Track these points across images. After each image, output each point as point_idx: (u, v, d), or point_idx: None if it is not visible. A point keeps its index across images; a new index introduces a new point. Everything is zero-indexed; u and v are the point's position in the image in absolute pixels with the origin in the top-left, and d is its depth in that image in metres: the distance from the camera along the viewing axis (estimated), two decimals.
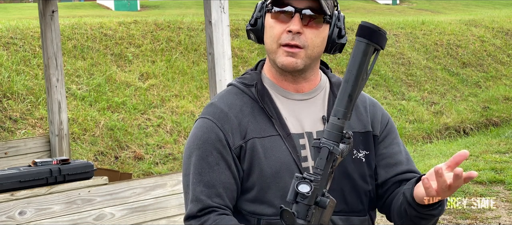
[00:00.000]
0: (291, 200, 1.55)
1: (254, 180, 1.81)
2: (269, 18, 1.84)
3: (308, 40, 1.80)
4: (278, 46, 1.81)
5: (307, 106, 1.88)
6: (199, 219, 1.78)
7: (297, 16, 1.79)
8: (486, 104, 13.03)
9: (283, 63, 1.81)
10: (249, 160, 1.80)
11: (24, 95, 8.88)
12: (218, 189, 1.79)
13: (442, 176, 1.59)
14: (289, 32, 1.79)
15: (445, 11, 29.72)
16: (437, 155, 9.03)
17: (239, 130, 1.82)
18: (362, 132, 1.90)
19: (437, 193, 1.63)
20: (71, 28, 10.88)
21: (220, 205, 1.79)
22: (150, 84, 10.27)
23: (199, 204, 1.79)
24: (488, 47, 15.77)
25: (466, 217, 6.10)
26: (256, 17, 1.88)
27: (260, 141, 1.81)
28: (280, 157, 1.80)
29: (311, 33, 1.80)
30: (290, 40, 1.79)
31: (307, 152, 1.84)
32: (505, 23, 17.39)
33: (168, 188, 4.13)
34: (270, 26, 1.83)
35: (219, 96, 1.91)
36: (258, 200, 1.81)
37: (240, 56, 12.05)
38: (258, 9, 1.88)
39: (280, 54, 1.81)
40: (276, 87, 1.89)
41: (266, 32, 1.86)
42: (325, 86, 1.93)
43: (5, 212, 3.64)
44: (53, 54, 5.80)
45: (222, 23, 4.28)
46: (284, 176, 1.80)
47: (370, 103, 1.98)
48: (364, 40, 1.57)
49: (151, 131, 9.19)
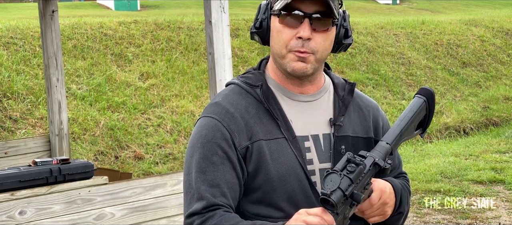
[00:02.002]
0: (338, 169, 1.62)
1: (259, 182, 1.78)
2: (276, 22, 1.80)
3: (318, 44, 1.78)
4: (287, 51, 1.79)
5: (312, 108, 1.87)
6: (202, 215, 1.74)
7: (307, 21, 1.76)
8: (486, 104, 13.03)
9: (293, 69, 1.79)
10: (256, 162, 1.78)
11: (24, 95, 8.88)
12: (222, 189, 1.76)
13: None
14: (299, 38, 1.76)
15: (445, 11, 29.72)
16: (437, 154, 9.03)
17: (245, 131, 1.79)
18: (364, 138, 1.90)
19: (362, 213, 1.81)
20: (71, 28, 10.88)
21: (224, 203, 1.76)
22: (150, 84, 10.28)
23: (204, 202, 1.75)
24: (488, 47, 15.77)
25: (466, 217, 6.10)
26: (261, 19, 1.84)
27: (266, 143, 1.79)
28: (286, 160, 1.79)
29: (320, 37, 1.78)
30: (300, 47, 1.77)
31: (313, 155, 1.83)
32: (505, 23, 17.39)
33: (168, 188, 4.13)
34: (278, 30, 1.79)
35: (222, 95, 1.87)
36: (263, 202, 1.79)
37: (240, 56, 12.05)
38: (263, 11, 1.84)
39: (290, 59, 1.79)
40: (280, 88, 1.86)
41: (273, 36, 1.82)
42: (329, 88, 1.92)
43: (5, 211, 3.64)
44: (53, 54, 5.80)
45: (222, 23, 4.27)
46: (290, 180, 1.79)
47: (374, 108, 1.98)
48: (423, 98, 1.87)
49: (151, 130, 9.20)
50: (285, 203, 1.78)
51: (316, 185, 1.82)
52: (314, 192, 1.80)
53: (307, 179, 1.80)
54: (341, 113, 1.88)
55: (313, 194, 1.80)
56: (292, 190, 1.79)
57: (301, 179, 1.79)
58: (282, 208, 1.78)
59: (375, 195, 1.77)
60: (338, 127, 1.86)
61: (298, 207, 1.74)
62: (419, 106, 1.85)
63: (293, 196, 1.79)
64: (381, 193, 1.78)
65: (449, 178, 7.45)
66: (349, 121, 1.89)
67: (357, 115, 1.92)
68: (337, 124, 1.86)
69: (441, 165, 8.07)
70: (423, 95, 1.87)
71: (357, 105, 1.93)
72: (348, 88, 1.93)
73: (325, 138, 1.85)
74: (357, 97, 1.95)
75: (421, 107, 1.86)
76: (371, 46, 14.17)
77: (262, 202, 1.79)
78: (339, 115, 1.87)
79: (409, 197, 1.98)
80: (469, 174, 7.54)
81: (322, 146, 1.84)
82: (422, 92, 1.88)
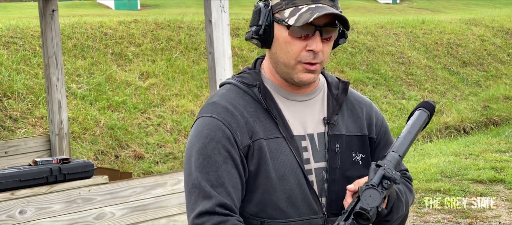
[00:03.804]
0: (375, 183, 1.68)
1: (259, 182, 1.78)
2: (283, 32, 1.77)
3: (325, 54, 1.79)
4: (296, 62, 1.78)
5: (307, 107, 1.87)
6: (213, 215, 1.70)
7: (318, 34, 1.75)
8: (486, 103, 13.03)
9: (301, 80, 1.80)
10: (257, 161, 1.77)
11: (24, 94, 8.88)
12: (227, 188, 1.74)
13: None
14: (310, 51, 1.75)
15: (445, 10, 29.71)
16: (437, 154, 9.03)
17: (246, 130, 1.78)
18: (359, 136, 1.90)
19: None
20: (71, 27, 10.88)
21: (230, 204, 1.73)
22: (150, 83, 10.27)
23: (212, 200, 1.71)
24: (488, 46, 15.77)
25: (466, 216, 6.10)
26: (264, 26, 1.79)
27: (266, 142, 1.78)
28: (285, 160, 1.79)
29: (327, 46, 1.79)
30: (311, 59, 1.76)
31: (309, 154, 1.83)
32: (505, 22, 17.38)
33: (168, 187, 4.13)
34: (286, 41, 1.76)
35: (219, 94, 1.85)
36: (262, 202, 1.79)
37: (240, 55, 12.05)
38: (265, 17, 1.80)
39: (299, 70, 1.78)
40: (277, 88, 1.86)
41: (279, 46, 1.79)
42: (323, 87, 1.92)
43: (5, 211, 3.64)
44: (53, 53, 5.80)
45: (222, 22, 4.27)
46: (289, 179, 1.78)
47: (367, 105, 1.97)
48: (427, 112, 1.91)
49: (151, 130, 9.20)
50: (284, 203, 1.78)
51: (313, 185, 1.82)
52: (311, 192, 1.81)
53: (305, 178, 1.80)
54: (335, 112, 1.88)
55: (310, 194, 1.80)
56: (291, 189, 1.79)
57: (299, 178, 1.79)
58: (281, 208, 1.78)
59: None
60: (332, 126, 1.86)
61: (297, 207, 1.75)
62: (424, 121, 1.90)
63: (292, 196, 1.79)
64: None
65: (449, 178, 7.45)
66: (343, 119, 1.89)
67: (351, 113, 1.92)
68: (331, 123, 1.86)
69: (441, 165, 8.07)
70: (427, 110, 1.92)
71: (351, 104, 1.94)
72: (341, 87, 1.93)
73: (320, 137, 1.85)
74: (351, 95, 1.95)
75: (425, 121, 1.91)
76: (371, 46, 14.16)
77: (261, 202, 1.79)
78: (333, 114, 1.87)
79: (410, 197, 1.97)
80: (469, 173, 7.54)
81: (317, 145, 1.85)
82: (426, 107, 1.92)
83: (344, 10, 1.94)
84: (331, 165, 1.84)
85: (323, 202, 1.83)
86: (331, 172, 1.83)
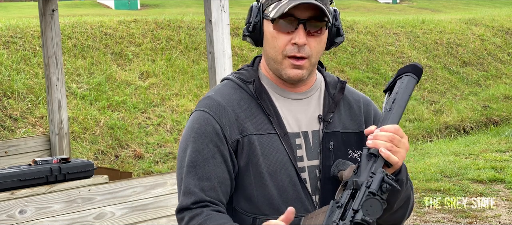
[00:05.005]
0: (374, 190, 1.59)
1: (250, 177, 1.79)
2: (270, 27, 1.80)
3: (312, 49, 1.79)
4: (283, 57, 1.80)
5: (303, 105, 1.88)
6: (191, 211, 1.76)
7: (301, 27, 1.76)
8: (486, 103, 13.03)
9: (289, 76, 1.81)
10: (246, 157, 1.79)
11: (24, 94, 8.88)
12: (212, 183, 1.77)
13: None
14: (294, 44, 1.77)
15: (445, 10, 29.71)
16: (437, 154, 9.03)
17: (236, 124, 1.80)
18: (356, 132, 1.90)
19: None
20: (71, 27, 10.87)
21: (213, 199, 1.77)
22: (150, 83, 10.27)
23: (192, 197, 1.76)
24: (488, 46, 15.76)
25: (466, 216, 6.10)
26: (254, 22, 1.84)
27: (258, 138, 1.79)
28: (277, 156, 1.80)
29: (314, 41, 1.79)
30: (296, 52, 1.77)
31: (303, 152, 1.84)
32: (505, 22, 17.37)
33: (168, 187, 4.13)
34: (273, 36, 1.80)
35: (215, 89, 1.89)
36: (255, 198, 1.80)
37: (240, 54, 12.05)
38: (255, 14, 1.84)
39: (285, 65, 1.80)
40: (273, 85, 1.87)
41: (267, 41, 1.83)
42: (321, 86, 1.93)
43: (5, 211, 3.64)
44: (53, 53, 5.80)
45: (222, 22, 4.27)
46: (281, 175, 1.79)
47: (364, 102, 1.97)
48: (416, 79, 1.80)
49: (151, 130, 9.20)
50: (276, 200, 1.79)
51: (306, 182, 1.82)
52: (304, 189, 1.81)
53: (297, 176, 1.80)
54: (330, 110, 1.88)
55: (303, 192, 1.81)
56: (283, 186, 1.79)
57: (291, 176, 1.80)
58: (273, 204, 1.79)
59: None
60: (326, 123, 1.86)
61: (289, 204, 1.75)
62: (412, 87, 1.80)
63: (284, 193, 1.79)
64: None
65: (449, 177, 7.45)
66: (340, 117, 1.89)
67: (348, 111, 1.92)
68: (326, 120, 1.86)
69: (441, 164, 8.07)
70: (416, 76, 1.81)
71: (348, 101, 1.94)
72: (339, 86, 1.93)
73: (314, 135, 1.85)
74: (348, 93, 1.96)
75: (413, 86, 1.81)
76: (371, 45, 14.16)
77: (253, 198, 1.80)
78: (328, 112, 1.88)
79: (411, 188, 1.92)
80: (469, 173, 7.54)
81: (311, 143, 1.85)
82: (415, 71, 1.81)
83: (344, 10, 1.94)
84: (325, 163, 1.84)
85: (316, 200, 1.83)
86: (325, 170, 1.83)
